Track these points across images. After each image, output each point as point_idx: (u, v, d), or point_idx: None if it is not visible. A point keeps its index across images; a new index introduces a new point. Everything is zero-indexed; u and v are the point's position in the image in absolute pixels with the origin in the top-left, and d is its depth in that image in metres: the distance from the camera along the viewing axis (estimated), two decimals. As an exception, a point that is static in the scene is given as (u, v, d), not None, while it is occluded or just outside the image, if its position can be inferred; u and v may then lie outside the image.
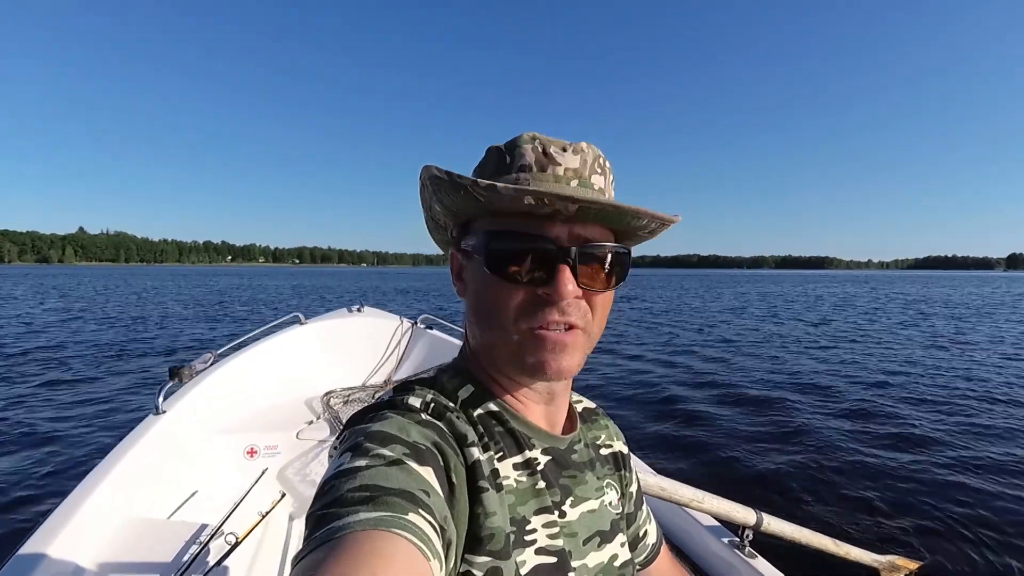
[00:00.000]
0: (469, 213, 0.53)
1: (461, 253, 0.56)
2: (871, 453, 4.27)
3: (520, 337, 0.51)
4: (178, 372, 2.10)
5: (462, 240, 0.56)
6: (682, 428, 4.90)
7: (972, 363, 8.61)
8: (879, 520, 3.18)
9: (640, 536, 0.75)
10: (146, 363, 7.86)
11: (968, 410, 5.64)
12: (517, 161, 0.52)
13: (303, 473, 2.21)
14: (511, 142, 0.53)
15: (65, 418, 4.96)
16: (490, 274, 0.51)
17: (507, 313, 0.51)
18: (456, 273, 0.59)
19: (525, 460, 0.55)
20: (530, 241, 0.49)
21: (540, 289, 0.50)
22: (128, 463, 1.63)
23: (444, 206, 0.53)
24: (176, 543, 1.44)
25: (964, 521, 3.16)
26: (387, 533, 0.35)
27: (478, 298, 0.54)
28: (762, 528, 1.58)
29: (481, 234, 0.52)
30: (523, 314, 0.50)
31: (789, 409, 5.58)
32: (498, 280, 0.50)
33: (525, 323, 0.50)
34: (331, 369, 2.91)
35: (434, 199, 0.53)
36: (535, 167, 0.51)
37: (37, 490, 3.45)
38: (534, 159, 0.51)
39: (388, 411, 0.50)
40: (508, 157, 0.52)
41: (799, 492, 3.56)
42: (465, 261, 0.56)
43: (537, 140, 0.52)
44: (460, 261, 0.57)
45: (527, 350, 0.51)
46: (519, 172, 0.51)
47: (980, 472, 3.92)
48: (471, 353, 0.60)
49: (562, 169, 0.51)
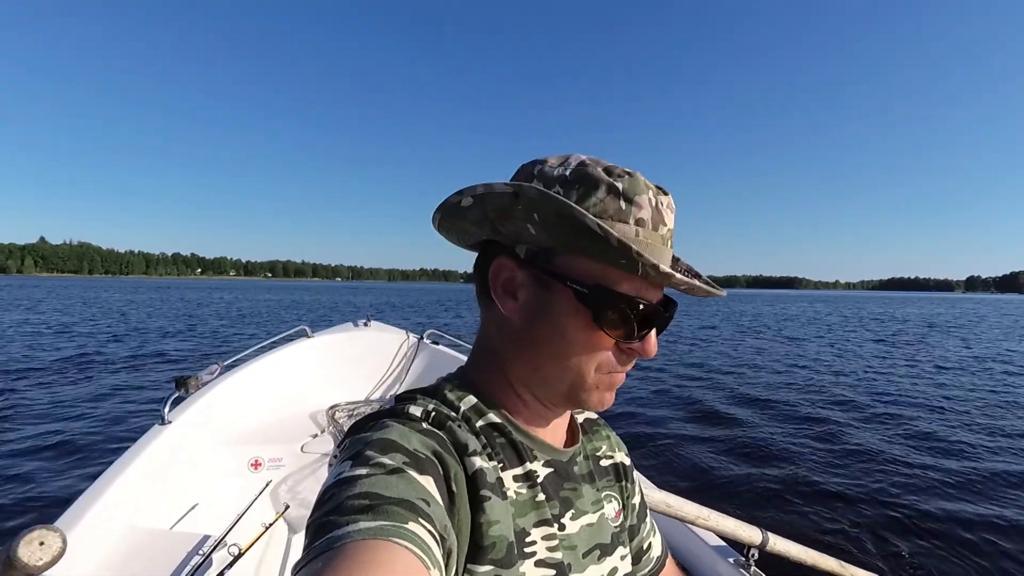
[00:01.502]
0: (580, 253, 0.49)
1: (532, 276, 0.53)
2: (877, 475, 4.21)
3: (594, 382, 0.53)
4: (184, 383, 2.11)
5: (542, 264, 0.52)
6: (675, 445, 4.86)
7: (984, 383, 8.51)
8: (884, 542, 3.13)
9: (644, 549, 0.74)
10: (153, 374, 7.90)
11: (980, 430, 5.55)
12: (634, 212, 0.49)
13: (307, 486, 2.20)
14: (628, 185, 0.49)
15: (71, 427, 4.99)
16: (591, 324, 0.50)
17: (594, 361, 0.52)
18: (506, 288, 0.54)
19: (525, 472, 0.55)
20: (642, 308, 0.50)
21: (628, 344, 0.53)
22: (133, 473, 1.63)
23: (553, 237, 0.49)
24: (179, 554, 1.44)
25: (974, 546, 3.10)
26: (387, 542, 0.35)
27: (558, 336, 0.52)
28: (768, 548, 1.55)
29: (599, 289, 0.49)
30: (607, 363, 0.53)
31: (794, 428, 5.51)
32: (597, 332, 0.51)
33: (605, 370, 0.53)
34: (337, 383, 2.90)
35: (535, 224, 0.49)
36: (650, 224, 0.50)
37: (43, 498, 3.46)
38: (650, 215, 0.50)
39: (389, 420, 0.50)
40: (624, 203, 0.49)
41: (805, 512, 3.50)
42: (536, 286, 0.52)
43: (651, 191, 0.51)
44: (521, 279, 0.53)
45: (594, 391, 0.54)
46: (636, 226, 0.49)
47: (991, 494, 3.85)
48: (490, 365, 0.58)
49: (666, 230, 0.52)
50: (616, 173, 0.50)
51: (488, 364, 0.59)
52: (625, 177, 0.50)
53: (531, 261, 0.52)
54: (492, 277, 0.55)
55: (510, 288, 0.54)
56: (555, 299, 0.51)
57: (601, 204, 0.49)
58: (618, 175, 0.50)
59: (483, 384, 0.58)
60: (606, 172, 0.50)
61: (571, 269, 0.50)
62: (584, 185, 0.50)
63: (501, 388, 0.57)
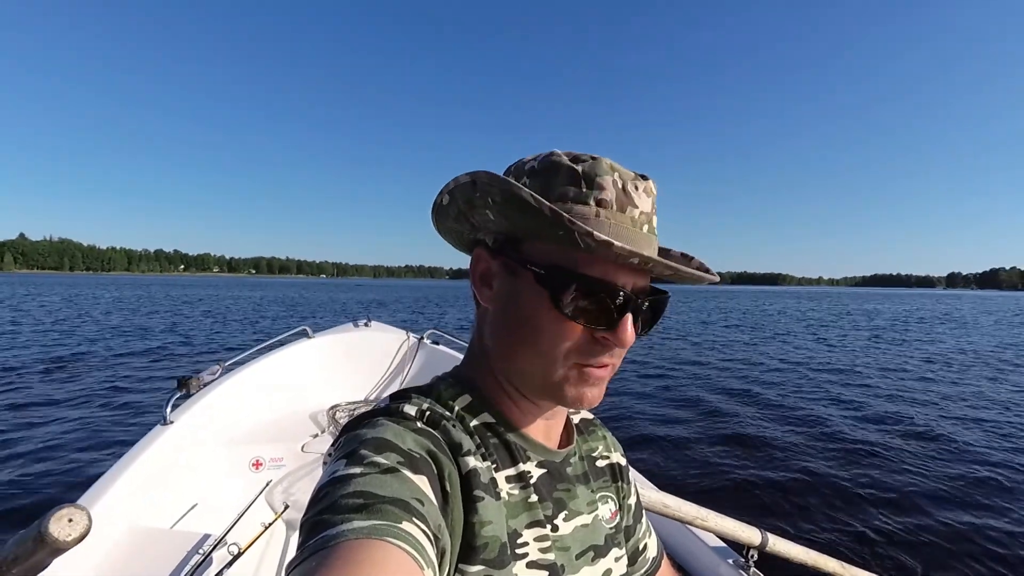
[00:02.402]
0: (536, 236, 0.50)
1: (502, 264, 0.53)
2: (877, 474, 4.20)
3: (565, 371, 0.51)
4: (186, 383, 2.13)
5: (508, 251, 0.52)
6: (672, 445, 4.85)
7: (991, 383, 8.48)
8: (885, 543, 3.12)
9: (640, 550, 0.73)
10: (154, 374, 7.92)
11: (982, 430, 5.54)
12: (595, 192, 0.49)
13: (307, 486, 2.21)
14: (589, 167, 0.49)
15: (73, 427, 5.00)
16: (552, 309, 0.49)
17: (560, 348, 0.50)
18: (483, 278, 0.55)
19: (518, 473, 0.55)
20: (605, 289, 0.49)
21: (599, 332, 0.50)
22: (134, 472, 1.64)
23: (507, 220, 0.49)
24: (179, 552, 1.45)
25: (975, 546, 3.09)
26: (380, 541, 0.35)
27: (524, 323, 0.52)
28: (767, 548, 1.55)
29: (555, 269, 0.49)
30: (576, 351, 0.51)
31: (792, 428, 5.50)
32: (559, 316, 0.49)
33: (575, 359, 0.51)
34: (337, 383, 2.91)
35: (491, 208, 0.49)
36: (614, 205, 0.49)
37: (45, 497, 3.47)
38: (614, 196, 0.49)
39: (383, 418, 0.50)
40: (584, 184, 0.49)
41: (805, 512, 3.50)
42: (506, 274, 0.53)
43: (617, 173, 0.50)
44: (495, 269, 0.54)
45: (569, 383, 0.52)
46: (597, 206, 0.49)
47: (993, 494, 3.84)
48: (480, 361, 0.58)
49: (638, 212, 0.50)
50: (581, 159, 0.51)
51: (479, 361, 0.59)
52: (588, 161, 0.50)
53: (500, 249, 0.53)
54: (472, 268, 0.56)
55: (487, 278, 0.55)
56: (520, 285, 0.51)
57: (562, 188, 0.49)
58: (582, 160, 0.50)
59: (477, 383, 0.58)
60: (571, 159, 0.50)
61: (532, 254, 0.51)
62: (548, 172, 0.51)
63: (493, 386, 0.57)
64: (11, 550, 0.51)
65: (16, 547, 0.51)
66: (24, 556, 0.50)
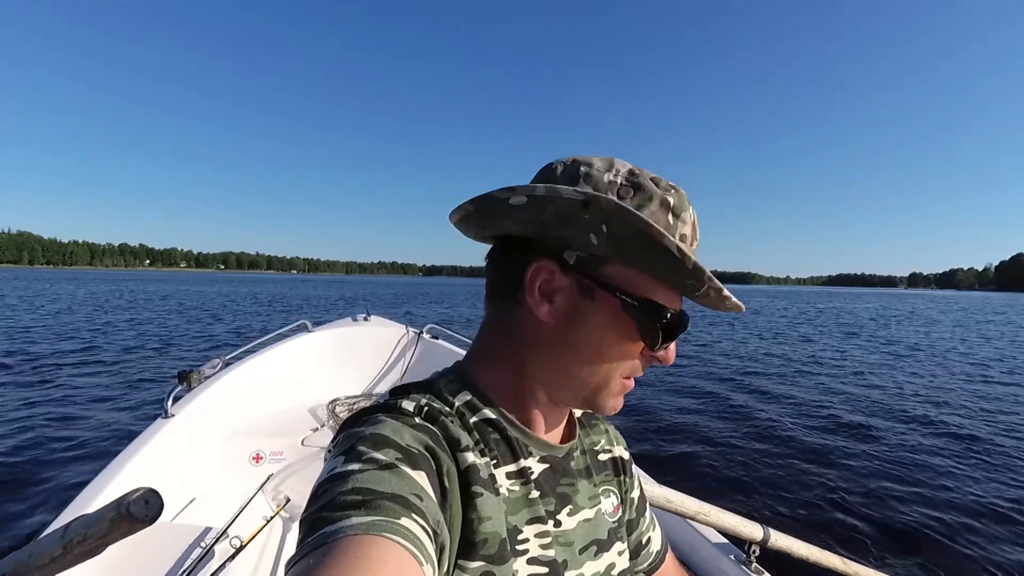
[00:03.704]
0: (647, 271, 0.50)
1: (576, 282, 0.52)
2: (879, 471, 4.21)
3: (615, 385, 0.54)
4: (187, 377, 2.13)
5: (588, 270, 0.51)
6: (675, 440, 4.86)
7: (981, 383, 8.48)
8: (888, 539, 3.12)
9: (643, 543, 0.73)
10: (156, 367, 7.95)
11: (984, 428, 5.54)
12: (679, 227, 0.51)
13: (307, 479, 2.22)
14: (678, 201, 0.51)
15: (74, 421, 5.03)
16: (637, 339, 0.52)
17: (621, 368, 0.54)
18: (544, 292, 0.53)
19: (519, 469, 0.55)
20: (680, 322, 0.52)
21: (651, 351, 0.54)
22: (136, 465, 1.65)
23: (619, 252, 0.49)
24: (180, 545, 1.45)
25: (977, 543, 3.10)
26: (379, 538, 0.35)
27: (592, 343, 0.52)
28: (769, 544, 1.55)
29: (649, 303, 0.50)
30: (630, 369, 0.54)
31: (789, 425, 5.51)
32: (635, 341, 0.52)
33: (626, 375, 0.55)
34: (337, 377, 2.92)
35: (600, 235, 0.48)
36: (690, 240, 0.52)
37: (47, 491, 3.49)
38: (691, 231, 0.52)
39: (382, 414, 0.50)
40: (672, 218, 0.50)
41: (808, 509, 3.50)
42: (578, 293, 0.52)
43: (691, 208, 0.53)
44: (563, 285, 0.52)
45: (612, 395, 0.55)
46: (680, 241, 0.49)
47: (995, 492, 3.84)
48: (503, 362, 0.57)
49: (696, 246, 0.54)
50: (663, 186, 0.51)
51: (494, 361, 0.57)
52: (673, 192, 0.51)
53: (578, 267, 0.51)
54: (530, 279, 0.52)
55: (547, 292, 0.53)
56: (598, 307, 0.51)
57: (653, 217, 0.49)
58: (666, 188, 0.51)
59: (481, 380, 0.57)
60: (655, 184, 0.51)
61: (619, 279, 0.51)
62: (639, 196, 0.50)
63: (504, 385, 0.57)
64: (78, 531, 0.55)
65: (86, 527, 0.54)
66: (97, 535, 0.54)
